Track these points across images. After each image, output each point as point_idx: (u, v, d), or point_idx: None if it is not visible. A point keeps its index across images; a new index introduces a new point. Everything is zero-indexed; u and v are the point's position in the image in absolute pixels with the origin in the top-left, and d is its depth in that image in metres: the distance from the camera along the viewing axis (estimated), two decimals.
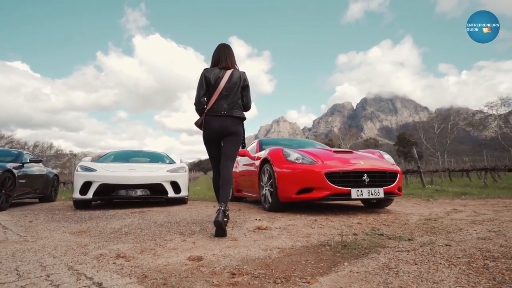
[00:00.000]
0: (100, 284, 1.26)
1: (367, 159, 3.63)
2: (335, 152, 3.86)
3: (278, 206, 3.56)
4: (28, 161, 5.76)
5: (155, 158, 6.07)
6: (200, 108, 2.62)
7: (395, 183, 3.48)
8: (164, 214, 3.59)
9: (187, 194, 5.05)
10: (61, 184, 14.62)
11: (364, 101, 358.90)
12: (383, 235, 2.17)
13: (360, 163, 3.42)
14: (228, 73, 2.58)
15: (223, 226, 2.19)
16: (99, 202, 5.45)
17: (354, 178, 3.27)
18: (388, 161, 3.88)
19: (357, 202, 4.64)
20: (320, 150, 4.03)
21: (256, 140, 5.43)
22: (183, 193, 4.85)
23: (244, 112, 2.69)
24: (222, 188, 2.43)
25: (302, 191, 3.29)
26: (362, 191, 3.19)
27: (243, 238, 2.17)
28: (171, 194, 4.68)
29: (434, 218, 2.96)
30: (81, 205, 4.48)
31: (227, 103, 2.55)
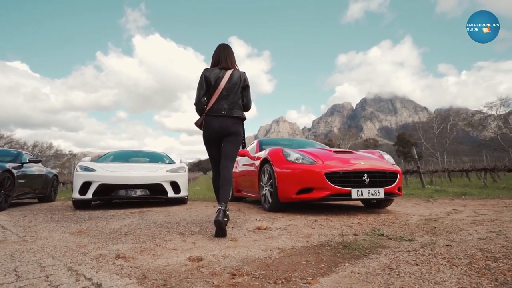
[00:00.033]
0: (99, 285, 1.25)
1: (367, 159, 3.63)
2: (335, 152, 3.86)
3: (278, 206, 3.55)
4: (28, 161, 5.75)
5: (155, 158, 6.06)
6: (200, 108, 2.62)
7: (395, 183, 3.48)
8: (163, 214, 3.58)
9: (186, 194, 5.04)
10: (60, 184, 14.62)
11: (364, 101, 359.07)
12: (383, 235, 2.16)
13: (360, 163, 3.42)
14: (228, 73, 2.58)
15: (223, 225, 2.19)
16: (98, 202, 5.43)
17: (354, 178, 3.27)
18: (388, 161, 3.87)
19: (357, 202, 4.63)
20: (320, 150, 4.02)
21: (256, 140, 5.42)
22: (183, 193, 4.84)
23: (244, 112, 2.68)
24: (222, 188, 2.42)
25: (302, 191, 3.29)
26: (362, 191, 3.18)
27: (243, 239, 2.16)
28: (170, 194, 4.67)
29: (435, 218, 2.95)
30: (80, 205, 4.48)
31: (227, 103, 2.54)
